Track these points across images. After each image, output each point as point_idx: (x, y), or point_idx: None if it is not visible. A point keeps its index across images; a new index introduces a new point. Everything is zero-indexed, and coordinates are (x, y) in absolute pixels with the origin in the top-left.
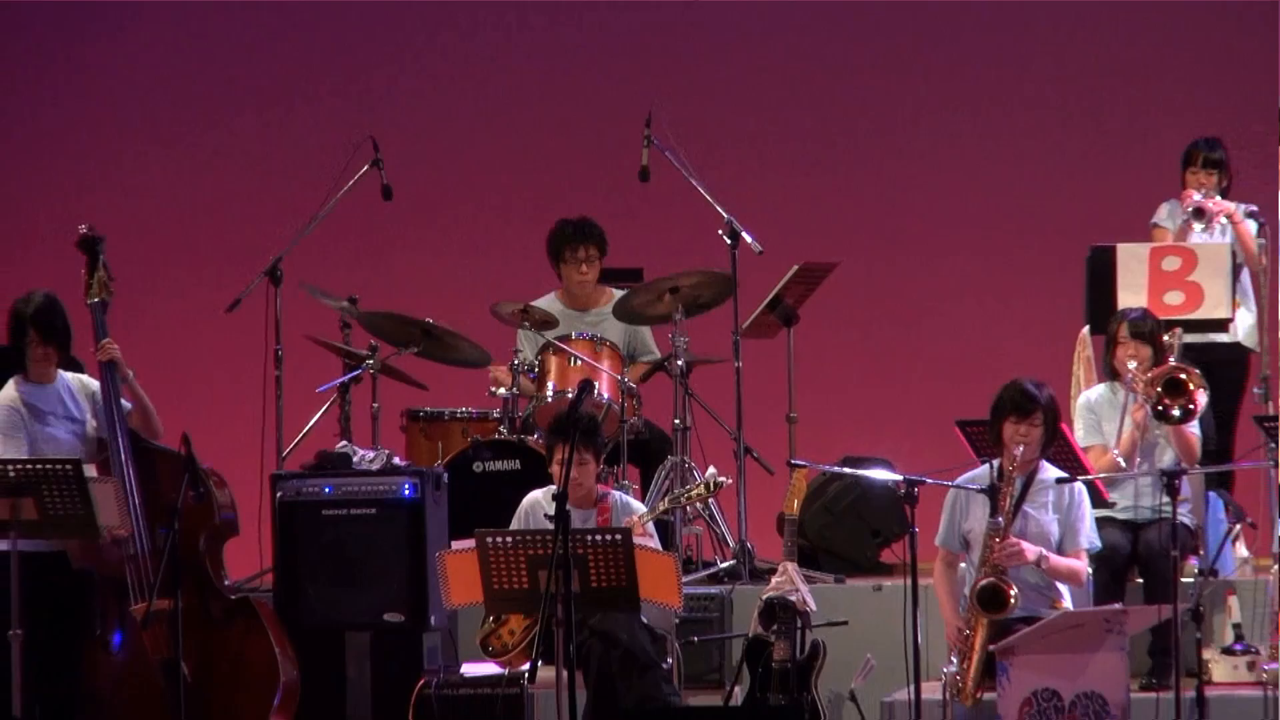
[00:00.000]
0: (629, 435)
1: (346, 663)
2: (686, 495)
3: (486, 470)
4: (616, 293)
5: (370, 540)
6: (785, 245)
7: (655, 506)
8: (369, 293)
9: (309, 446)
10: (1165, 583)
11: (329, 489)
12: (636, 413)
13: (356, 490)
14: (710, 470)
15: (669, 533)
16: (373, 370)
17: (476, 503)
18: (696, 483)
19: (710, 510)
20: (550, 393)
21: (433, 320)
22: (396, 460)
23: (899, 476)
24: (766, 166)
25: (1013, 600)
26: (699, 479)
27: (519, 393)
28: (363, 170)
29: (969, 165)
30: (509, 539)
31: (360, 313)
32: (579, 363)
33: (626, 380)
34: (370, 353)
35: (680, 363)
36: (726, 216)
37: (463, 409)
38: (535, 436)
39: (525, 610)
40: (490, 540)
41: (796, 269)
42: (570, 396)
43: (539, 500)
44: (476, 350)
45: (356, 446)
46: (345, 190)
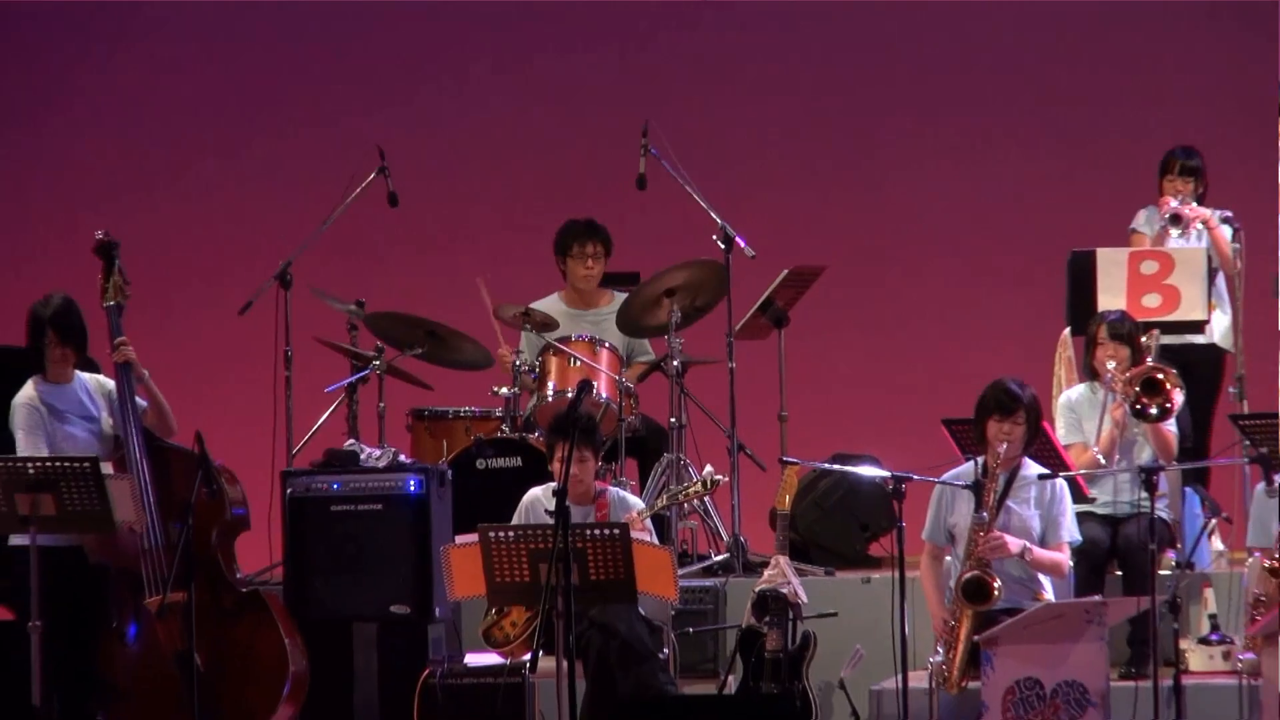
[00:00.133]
0: (626, 433)
1: (354, 653)
2: (684, 492)
3: (489, 467)
4: (618, 295)
5: (377, 535)
6: (776, 250)
7: (654, 503)
8: (375, 296)
9: (318, 444)
10: (1143, 575)
11: (337, 485)
12: (634, 411)
13: (364, 487)
14: (708, 469)
15: (665, 527)
16: (379, 371)
17: (479, 499)
18: (694, 480)
19: (705, 505)
20: (550, 392)
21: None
22: (402, 458)
23: (887, 473)
24: (759, 175)
25: (996, 592)
26: (695, 476)
27: (520, 390)
28: (370, 178)
29: (954, 173)
30: (511, 534)
31: (367, 315)
32: (578, 363)
33: (624, 380)
34: (377, 354)
35: (676, 363)
36: (720, 222)
37: (466, 408)
38: (536, 435)
39: (526, 602)
40: (493, 535)
41: (786, 273)
42: (570, 396)
43: (539, 496)
44: (479, 351)
45: (364, 444)
46: (353, 197)
